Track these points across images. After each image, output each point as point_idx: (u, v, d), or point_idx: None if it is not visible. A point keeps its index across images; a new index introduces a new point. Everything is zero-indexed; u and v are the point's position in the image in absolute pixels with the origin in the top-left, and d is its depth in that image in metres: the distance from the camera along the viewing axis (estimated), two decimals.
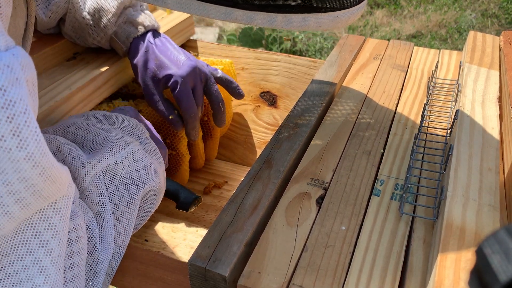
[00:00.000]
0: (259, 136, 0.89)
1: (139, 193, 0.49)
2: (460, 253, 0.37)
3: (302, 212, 0.46)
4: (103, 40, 0.72)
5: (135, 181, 0.49)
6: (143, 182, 0.50)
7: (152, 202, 0.54)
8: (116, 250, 0.47)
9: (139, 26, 0.71)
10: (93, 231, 0.44)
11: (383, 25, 2.97)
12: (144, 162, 0.50)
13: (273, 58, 0.85)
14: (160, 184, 0.53)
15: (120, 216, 0.48)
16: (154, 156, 0.54)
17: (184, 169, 0.79)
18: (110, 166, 0.48)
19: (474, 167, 0.46)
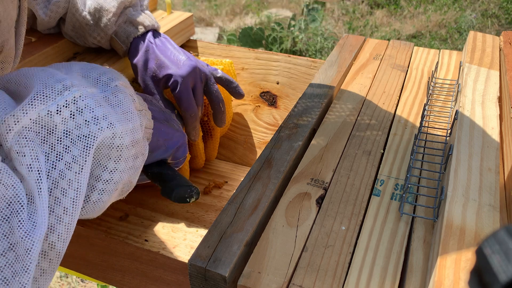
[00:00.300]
0: (259, 136, 0.89)
1: (86, 155, 0.35)
2: (460, 253, 0.37)
3: (302, 212, 0.46)
4: (103, 40, 0.72)
5: (81, 138, 0.35)
6: (91, 139, 0.36)
7: (113, 170, 0.38)
8: (62, 230, 0.34)
9: (139, 26, 0.71)
10: (19, 202, 0.32)
11: (383, 25, 2.97)
12: (93, 113, 0.36)
13: (273, 58, 0.85)
14: (123, 145, 0.38)
15: (67, 187, 0.35)
16: (123, 113, 0.39)
17: (184, 169, 0.79)
18: (43, 118, 0.34)
19: (474, 167, 0.46)
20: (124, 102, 0.39)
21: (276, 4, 3.28)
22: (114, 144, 0.37)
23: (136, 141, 0.39)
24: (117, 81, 0.40)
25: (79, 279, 1.32)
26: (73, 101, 0.36)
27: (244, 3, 3.32)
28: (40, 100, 0.35)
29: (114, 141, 0.36)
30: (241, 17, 3.18)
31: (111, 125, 0.36)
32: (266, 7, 3.24)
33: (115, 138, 0.36)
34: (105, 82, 0.40)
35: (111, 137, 0.36)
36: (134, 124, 0.39)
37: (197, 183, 0.84)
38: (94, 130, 0.36)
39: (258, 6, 3.25)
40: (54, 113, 0.35)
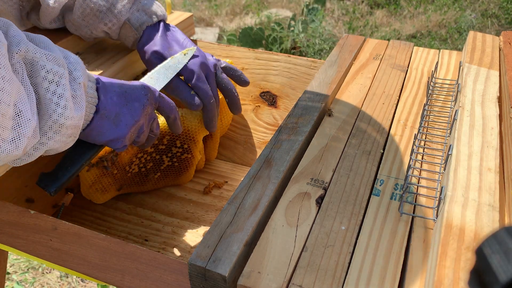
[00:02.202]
0: (259, 136, 0.89)
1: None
2: (459, 253, 0.37)
3: (302, 212, 0.46)
4: (114, 27, 0.71)
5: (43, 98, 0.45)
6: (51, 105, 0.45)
7: (50, 138, 0.47)
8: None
9: (152, 15, 0.71)
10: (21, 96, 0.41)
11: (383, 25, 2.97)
12: (63, 92, 0.46)
13: (273, 58, 0.85)
14: (65, 125, 0.47)
15: None
16: (76, 104, 0.48)
17: (193, 169, 0.81)
18: (35, 62, 0.44)
19: (473, 167, 0.46)
20: (80, 97, 0.48)
21: (276, 4, 3.28)
22: (59, 121, 0.45)
23: (75, 126, 0.48)
24: (81, 79, 0.48)
25: (79, 279, 1.32)
26: (54, 73, 0.45)
27: (244, 3, 3.32)
28: (48, 58, 0.45)
29: (60, 119, 0.45)
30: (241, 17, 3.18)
31: (65, 106, 0.45)
32: (266, 7, 3.24)
33: (62, 117, 0.45)
34: (74, 78, 0.48)
35: (60, 115, 0.45)
36: (79, 114, 0.48)
37: (197, 183, 0.84)
38: (55, 100, 0.45)
39: (258, 6, 3.25)
40: (45, 69, 0.44)
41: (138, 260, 0.47)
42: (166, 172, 0.79)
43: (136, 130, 0.57)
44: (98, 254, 0.49)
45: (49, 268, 1.36)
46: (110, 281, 0.48)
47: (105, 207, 0.79)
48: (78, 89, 0.48)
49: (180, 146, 0.76)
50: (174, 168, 0.79)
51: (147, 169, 0.77)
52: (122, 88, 0.55)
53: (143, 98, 0.56)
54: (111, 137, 0.54)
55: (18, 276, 1.33)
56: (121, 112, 0.54)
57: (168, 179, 0.80)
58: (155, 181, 0.79)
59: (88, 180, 0.72)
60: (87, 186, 0.73)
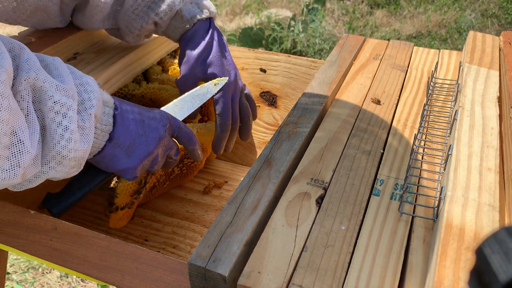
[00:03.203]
0: (259, 136, 0.89)
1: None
2: (459, 252, 0.37)
3: (302, 212, 0.46)
4: (166, 17, 0.68)
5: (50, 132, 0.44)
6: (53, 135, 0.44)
7: (52, 168, 0.46)
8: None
9: (204, 9, 0.69)
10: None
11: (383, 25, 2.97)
12: (69, 123, 0.44)
13: (273, 58, 0.85)
14: (68, 157, 0.46)
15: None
16: (82, 137, 0.47)
17: (188, 177, 0.83)
18: (43, 91, 0.43)
19: (473, 167, 0.46)
20: (88, 129, 0.47)
21: (276, 4, 3.28)
22: (62, 153, 0.45)
23: (79, 158, 0.47)
24: (94, 110, 0.47)
25: (79, 279, 1.32)
26: (62, 104, 0.44)
27: (244, 3, 3.32)
28: (57, 89, 0.44)
29: (63, 151, 0.45)
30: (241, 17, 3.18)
31: (69, 139, 0.45)
32: (266, 7, 3.24)
33: (65, 150, 0.45)
34: (86, 108, 0.47)
35: (63, 147, 0.44)
36: (85, 147, 0.47)
37: (197, 183, 0.84)
38: (59, 132, 0.44)
39: (258, 6, 3.25)
40: (52, 100, 0.43)
41: (138, 260, 0.47)
42: (174, 179, 0.79)
43: (149, 162, 0.55)
44: (98, 254, 0.49)
45: (49, 268, 1.36)
46: (110, 281, 0.48)
47: None
48: (87, 120, 0.47)
49: None
50: (181, 175, 0.79)
51: (159, 182, 0.76)
52: (140, 116, 0.54)
53: (161, 129, 0.55)
54: (122, 167, 0.53)
55: (18, 276, 1.33)
56: (135, 143, 0.53)
57: (174, 184, 0.80)
58: (162, 189, 0.79)
59: (119, 214, 0.69)
60: (118, 219, 0.69)
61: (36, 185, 0.46)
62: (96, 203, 0.80)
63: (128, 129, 0.52)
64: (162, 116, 0.56)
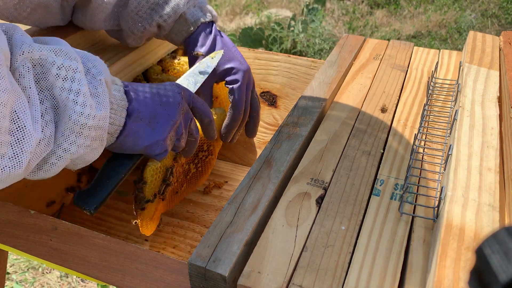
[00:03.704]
0: (259, 136, 0.89)
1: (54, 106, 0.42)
2: (459, 252, 0.37)
3: (302, 212, 0.46)
4: (170, 19, 0.68)
5: (62, 91, 0.42)
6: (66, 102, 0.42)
7: (72, 143, 0.43)
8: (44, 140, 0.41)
9: (207, 13, 0.70)
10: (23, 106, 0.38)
11: (383, 25, 2.97)
12: (79, 87, 0.42)
13: (273, 58, 0.85)
14: (86, 125, 0.43)
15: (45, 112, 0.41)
16: (97, 103, 0.44)
17: (211, 170, 0.82)
18: (43, 61, 0.41)
19: (473, 167, 0.46)
20: (102, 95, 0.45)
21: (276, 4, 3.28)
22: (80, 122, 0.42)
23: (99, 127, 0.44)
24: (102, 76, 0.45)
25: (79, 279, 1.32)
26: (67, 68, 0.42)
27: (244, 3, 3.32)
28: (57, 53, 0.42)
29: (80, 118, 0.42)
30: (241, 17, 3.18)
31: (84, 104, 0.42)
32: (266, 7, 3.24)
33: (82, 117, 0.42)
34: (93, 75, 0.45)
35: (80, 114, 0.42)
36: (102, 114, 0.44)
37: None
38: (72, 98, 0.42)
39: (258, 6, 3.25)
40: (55, 66, 0.42)
41: (138, 260, 0.47)
42: (190, 180, 0.76)
43: (174, 132, 0.53)
44: (98, 254, 0.49)
45: (49, 268, 1.36)
46: (110, 281, 0.48)
47: (105, 207, 0.79)
48: (99, 86, 0.44)
49: (206, 149, 0.75)
50: (197, 174, 0.77)
51: (178, 183, 0.72)
52: (153, 89, 0.52)
53: (177, 96, 0.53)
54: (149, 141, 0.51)
55: (18, 276, 1.33)
56: (156, 114, 0.51)
57: (190, 188, 0.77)
58: (181, 193, 0.76)
59: (152, 210, 0.66)
60: (149, 218, 0.66)
61: (59, 169, 0.43)
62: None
63: (145, 101, 0.50)
64: (175, 84, 0.55)
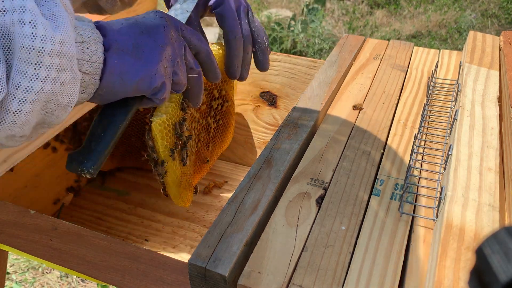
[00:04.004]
0: (259, 136, 0.89)
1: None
2: (459, 253, 0.37)
3: (302, 212, 0.46)
4: None
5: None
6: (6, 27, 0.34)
7: (33, 78, 0.35)
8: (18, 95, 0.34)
9: None
10: None
11: (383, 25, 2.97)
12: (22, 4, 0.34)
13: (273, 58, 0.85)
14: (45, 50, 0.34)
15: None
16: (54, 22, 0.36)
17: (233, 122, 0.72)
18: None
19: (473, 167, 0.46)
20: (59, 16, 0.36)
21: (276, 4, 3.28)
22: (34, 46, 0.34)
23: (62, 53, 0.35)
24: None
25: (79, 279, 1.32)
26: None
27: None
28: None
29: (34, 42, 0.34)
30: None
31: (34, 23, 0.34)
32: (266, 7, 3.24)
33: (36, 39, 0.34)
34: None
35: (31, 37, 0.34)
36: (64, 36, 0.36)
37: (197, 183, 0.84)
38: (16, 18, 0.33)
39: (258, 6, 3.25)
40: None
41: (138, 260, 0.47)
42: (215, 138, 0.67)
43: (168, 61, 0.45)
44: (98, 254, 0.49)
45: (49, 268, 1.36)
46: (110, 281, 0.48)
47: (105, 207, 0.79)
48: (53, 7, 0.36)
49: (219, 96, 0.64)
50: (220, 128, 0.68)
51: (202, 143, 0.64)
52: (129, 20, 0.45)
53: (159, 20, 0.46)
54: (139, 74, 0.43)
55: (18, 276, 1.33)
56: (138, 42, 0.43)
57: (218, 147, 0.68)
58: (210, 156, 0.67)
59: (176, 173, 0.58)
60: (177, 184, 0.59)
61: (28, 117, 0.36)
62: (96, 203, 0.80)
63: (121, 31, 0.43)
64: (154, 11, 0.47)
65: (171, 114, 0.55)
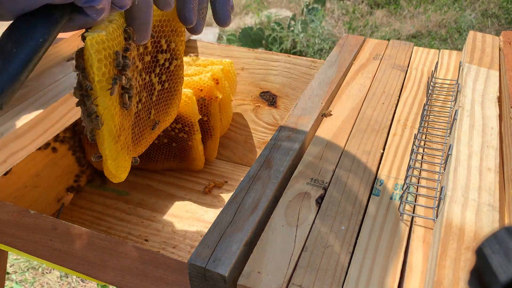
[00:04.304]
0: (259, 136, 0.89)
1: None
2: (459, 252, 0.37)
3: (302, 212, 0.46)
4: None
5: None
6: None
7: None
8: None
9: None
10: None
11: (383, 25, 2.97)
12: None
13: (273, 58, 0.85)
14: None
15: None
16: None
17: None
18: None
19: (473, 167, 0.46)
20: None
21: (276, 4, 3.28)
22: None
23: None
24: None
25: (79, 279, 1.32)
26: None
27: (244, 3, 3.32)
28: None
29: None
30: (241, 17, 3.18)
31: None
32: (266, 7, 3.24)
33: None
34: None
35: None
36: None
37: (197, 183, 0.84)
38: None
39: (258, 6, 3.25)
40: None
41: (138, 260, 0.47)
42: (158, 106, 0.54)
43: None
44: (98, 254, 0.49)
45: (49, 268, 1.36)
46: (110, 281, 0.48)
47: (105, 207, 0.79)
48: None
49: (167, 49, 0.52)
50: (164, 96, 0.54)
51: (142, 104, 0.51)
52: None
53: None
54: None
55: (18, 276, 1.33)
56: None
57: (160, 119, 0.55)
58: (151, 125, 0.54)
59: (114, 119, 0.43)
60: (113, 137, 0.44)
61: None
62: (96, 203, 0.80)
63: None
64: None
65: (112, 36, 0.41)
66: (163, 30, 0.50)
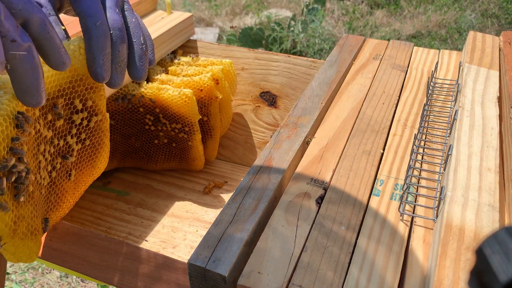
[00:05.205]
0: (259, 136, 0.89)
1: None
2: (459, 253, 0.37)
3: (302, 212, 0.46)
4: None
5: None
6: None
7: None
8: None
9: None
10: None
11: (383, 25, 2.97)
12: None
13: (273, 58, 0.85)
14: None
15: None
16: None
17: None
18: None
19: (473, 167, 0.46)
20: None
21: (276, 4, 3.28)
22: None
23: None
24: None
25: (79, 279, 1.32)
26: None
27: (244, 3, 3.32)
28: None
29: None
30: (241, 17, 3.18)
31: None
32: (266, 7, 3.24)
33: None
34: None
35: None
36: None
37: (197, 183, 0.84)
38: None
39: (258, 6, 3.25)
40: None
41: (138, 260, 0.47)
42: (80, 165, 0.52)
43: None
44: (98, 254, 0.49)
45: (49, 268, 1.36)
46: (110, 281, 0.48)
47: (105, 207, 0.79)
48: None
49: (83, 108, 0.49)
50: (87, 152, 0.52)
51: (57, 171, 0.49)
52: None
53: None
54: None
55: (17, 276, 1.33)
56: None
57: (85, 175, 0.53)
58: (74, 188, 0.52)
59: (4, 219, 0.38)
60: (7, 234, 0.39)
61: None
62: (96, 203, 0.80)
63: None
64: None
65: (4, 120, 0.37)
66: (76, 90, 0.47)
